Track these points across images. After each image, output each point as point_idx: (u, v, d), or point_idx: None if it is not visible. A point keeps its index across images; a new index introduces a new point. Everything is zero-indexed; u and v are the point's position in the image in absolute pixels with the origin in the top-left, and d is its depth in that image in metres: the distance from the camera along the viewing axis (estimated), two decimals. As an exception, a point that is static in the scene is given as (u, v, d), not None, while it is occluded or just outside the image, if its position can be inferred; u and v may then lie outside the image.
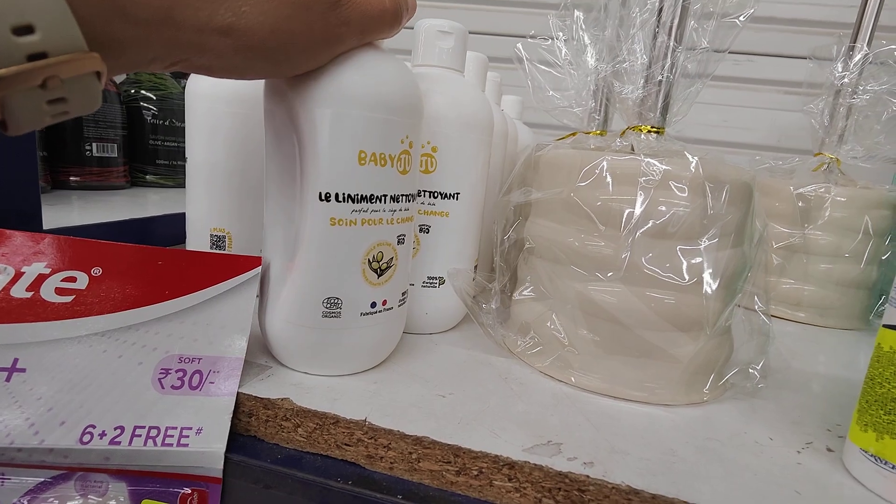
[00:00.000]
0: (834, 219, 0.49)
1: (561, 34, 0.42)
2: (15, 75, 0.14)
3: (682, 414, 0.28)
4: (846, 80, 0.50)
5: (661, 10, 0.31)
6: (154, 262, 0.28)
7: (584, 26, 0.40)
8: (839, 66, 0.51)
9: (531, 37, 0.43)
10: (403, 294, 0.30)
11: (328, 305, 0.26)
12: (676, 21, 0.31)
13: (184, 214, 0.39)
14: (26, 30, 0.14)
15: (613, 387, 0.29)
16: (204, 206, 0.37)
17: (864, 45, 0.50)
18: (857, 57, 0.50)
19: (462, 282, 0.35)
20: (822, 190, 0.49)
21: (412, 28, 0.35)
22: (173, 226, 0.46)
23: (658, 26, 0.31)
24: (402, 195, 0.27)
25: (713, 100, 1.20)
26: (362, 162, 0.25)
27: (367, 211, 0.26)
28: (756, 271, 0.32)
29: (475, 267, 0.38)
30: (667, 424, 0.27)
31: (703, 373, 0.29)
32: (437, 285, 0.35)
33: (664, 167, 0.27)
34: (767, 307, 0.33)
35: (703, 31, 0.32)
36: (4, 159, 0.31)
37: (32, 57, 0.15)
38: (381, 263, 0.27)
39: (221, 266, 0.28)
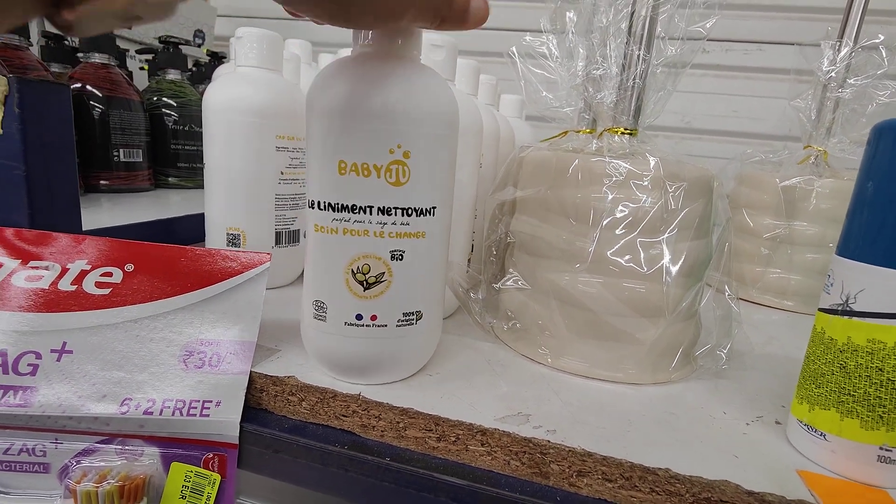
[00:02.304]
0: (819, 210, 0.50)
1: (552, 36, 0.44)
2: None
3: (646, 391, 0.31)
4: (832, 74, 0.52)
5: (631, 21, 0.34)
6: (178, 259, 0.32)
7: (574, 29, 0.43)
8: (825, 61, 0.52)
9: (525, 40, 0.46)
10: (408, 315, 0.28)
11: (317, 307, 0.28)
12: (646, 32, 0.33)
13: (203, 215, 0.43)
14: None
15: (585, 368, 0.32)
16: (220, 208, 0.41)
17: (851, 39, 0.51)
18: (844, 51, 0.51)
19: (455, 273, 0.38)
20: (807, 182, 0.50)
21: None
22: (194, 225, 0.51)
23: (629, 36, 0.34)
24: (396, 208, 0.26)
25: (722, 90, 1.20)
26: (342, 172, 0.25)
27: (348, 221, 0.26)
28: (725, 261, 0.34)
29: (469, 260, 0.42)
30: (630, 400, 0.30)
31: (668, 354, 0.32)
32: (430, 277, 0.38)
33: (627, 167, 0.30)
34: (736, 294, 0.35)
35: (670, 40, 0.34)
36: (50, 171, 0.35)
37: None
38: (367, 276, 0.27)
39: (235, 262, 0.32)
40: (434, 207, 0.28)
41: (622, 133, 0.35)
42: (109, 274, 0.31)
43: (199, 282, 0.32)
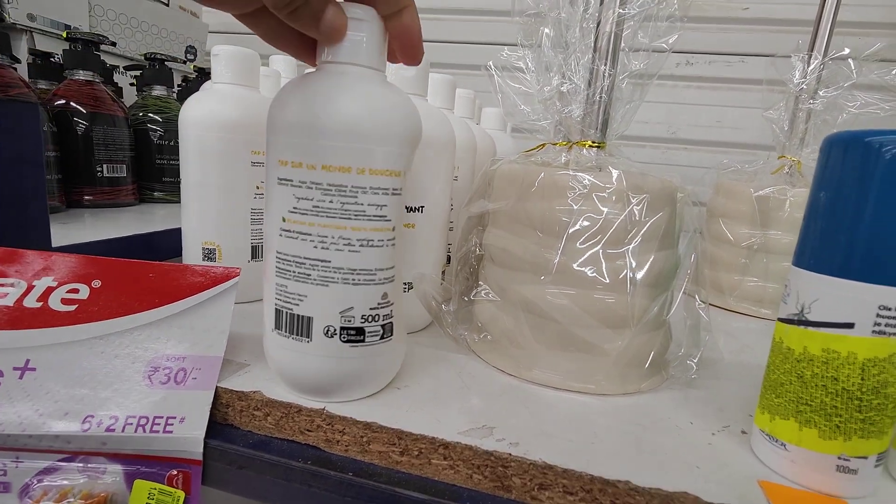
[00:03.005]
0: (793, 219, 0.51)
1: (528, 51, 0.45)
2: None
3: (614, 402, 0.31)
4: (804, 85, 0.52)
5: (596, 39, 0.34)
6: (146, 275, 0.32)
7: (549, 44, 0.44)
8: (797, 73, 0.53)
9: (503, 54, 0.46)
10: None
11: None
12: (611, 47, 0.34)
13: (179, 230, 0.43)
14: None
15: (554, 379, 0.32)
16: (196, 222, 0.41)
17: (820, 52, 0.52)
18: (814, 63, 0.52)
19: (427, 286, 0.38)
20: (780, 192, 0.51)
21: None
22: (172, 239, 0.51)
23: (594, 52, 0.34)
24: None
25: (706, 101, 1.22)
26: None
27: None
28: (694, 270, 0.35)
29: (443, 272, 0.42)
30: (597, 412, 0.30)
31: (637, 365, 0.32)
32: (406, 290, 0.38)
33: (591, 180, 0.30)
34: (706, 302, 0.35)
35: (634, 53, 0.35)
36: (20, 187, 0.35)
37: None
38: None
39: (204, 277, 0.32)
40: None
41: (590, 146, 0.35)
42: (76, 290, 0.31)
43: (166, 297, 0.32)
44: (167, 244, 0.51)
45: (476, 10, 1.14)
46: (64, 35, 0.66)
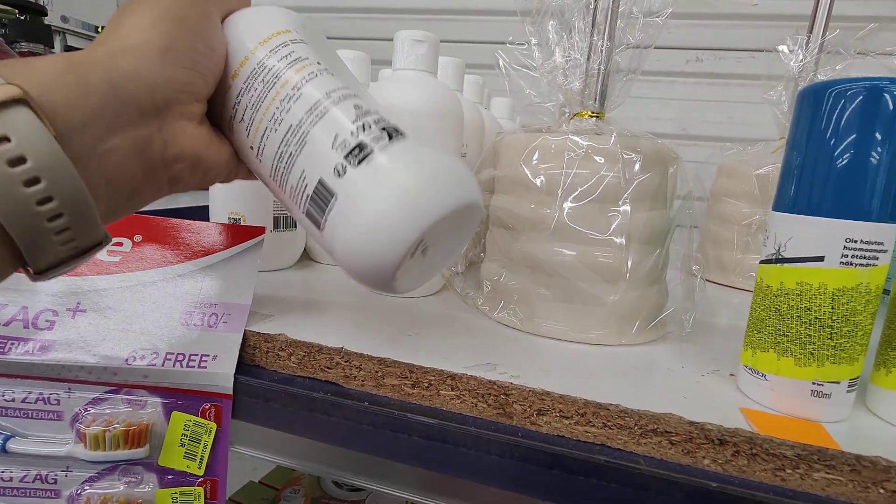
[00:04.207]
0: (793, 196, 0.52)
1: (533, 39, 0.48)
2: None
3: (611, 351, 0.33)
4: (802, 69, 0.54)
5: (595, 14, 0.37)
6: (182, 232, 0.35)
7: (552, 32, 0.46)
8: (797, 56, 0.55)
9: (510, 42, 0.49)
10: None
11: None
12: (608, 22, 0.37)
13: (207, 207, 0.47)
14: None
15: (554, 330, 0.34)
16: (223, 194, 0.45)
17: (819, 36, 0.54)
18: (812, 46, 0.54)
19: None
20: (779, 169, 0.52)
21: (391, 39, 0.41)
22: (200, 215, 0.54)
23: (593, 27, 0.37)
24: None
25: (717, 97, 1.23)
26: None
27: None
28: (689, 234, 0.37)
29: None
30: (595, 357, 0.32)
31: (632, 317, 0.34)
32: (416, 255, 0.41)
33: (587, 142, 0.32)
34: (701, 268, 0.37)
35: (630, 28, 0.37)
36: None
37: None
38: None
39: (233, 234, 0.35)
40: None
41: (589, 116, 0.38)
42: (120, 244, 0.34)
43: (200, 252, 0.35)
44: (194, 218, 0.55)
45: (484, 11, 1.18)
46: (99, 30, 0.70)
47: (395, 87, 0.40)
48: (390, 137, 0.25)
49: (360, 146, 0.25)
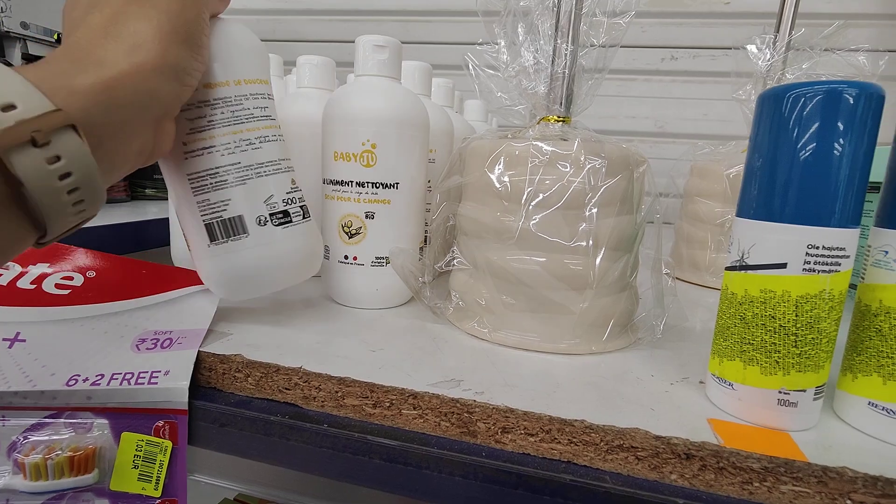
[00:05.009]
0: (764, 195, 0.52)
1: (502, 41, 0.47)
2: (9, 130, 0.19)
3: (580, 360, 0.33)
4: (771, 67, 0.54)
5: (558, 17, 0.36)
6: (139, 271, 0.34)
7: (521, 34, 0.45)
8: (765, 55, 0.55)
9: (479, 44, 0.48)
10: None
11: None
12: (571, 25, 0.36)
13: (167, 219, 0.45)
14: (10, 107, 0.19)
15: (522, 340, 0.33)
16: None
17: (786, 34, 0.54)
18: (780, 44, 0.54)
19: (405, 260, 0.40)
20: (750, 169, 0.52)
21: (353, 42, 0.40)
22: (161, 229, 0.52)
23: (556, 30, 0.36)
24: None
25: (691, 95, 1.24)
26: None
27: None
28: (658, 237, 0.36)
29: (421, 249, 0.43)
30: (563, 368, 0.31)
31: (601, 325, 0.34)
32: (384, 264, 0.40)
33: (551, 148, 0.32)
34: (672, 272, 0.37)
35: (595, 31, 0.36)
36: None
37: (19, 124, 0.19)
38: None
39: (193, 277, 0.34)
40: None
41: (555, 121, 0.37)
42: (70, 278, 0.33)
43: (157, 288, 0.33)
44: (157, 233, 0.53)
45: (458, 12, 1.18)
46: (55, 38, 0.67)
47: (357, 94, 0.38)
48: (303, 216, 0.35)
49: (285, 213, 0.33)
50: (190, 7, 0.27)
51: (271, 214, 0.32)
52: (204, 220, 0.31)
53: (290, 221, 0.33)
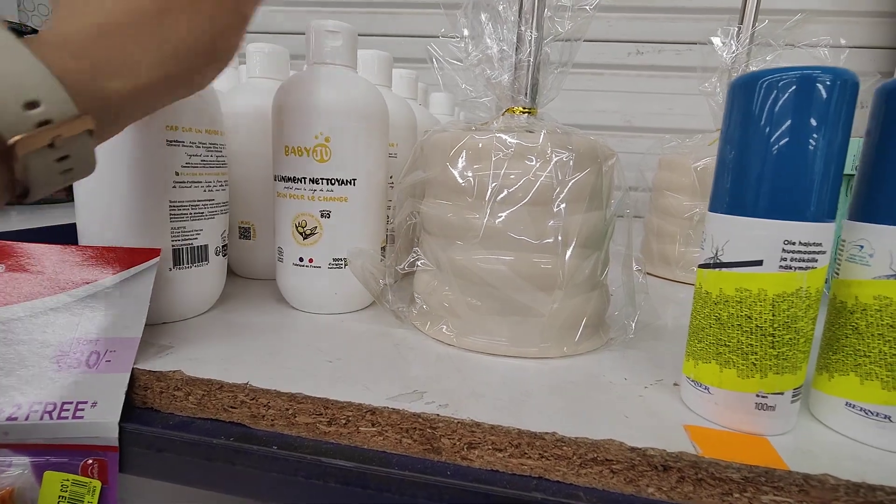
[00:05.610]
0: (731, 188, 0.52)
1: (466, 31, 0.45)
2: (31, 137, 0.19)
3: (550, 364, 0.31)
4: (735, 60, 0.54)
5: (521, 3, 0.34)
6: (55, 259, 0.30)
7: (485, 23, 0.43)
8: (730, 48, 0.55)
9: (442, 35, 0.46)
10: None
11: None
12: (535, 11, 0.34)
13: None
14: (34, 104, 0.19)
15: (489, 345, 0.31)
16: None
17: (749, 27, 0.54)
18: (743, 37, 0.54)
19: (365, 261, 0.37)
20: (717, 162, 0.52)
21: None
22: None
23: (520, 17, 0.34)
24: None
25: (657, 89, 1.25)
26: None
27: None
28: (629, 233, 0.35)
29: (383, 248, 0.41)
30: (533, 373, 0.30)
31: (572, 327, 0.32)
32: (342, 266, 0.37)
33: (515, 141, 0.30)
34: (643, 268, 0.36)
35: (560, 18, 0.35)
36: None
37: (40, 124, 0.19)
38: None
39: (119, 258, 0.31)
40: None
41: (521, 112, 0.35)
42: (-26, 275, 0.29)
43: (79, 279, 0.30)
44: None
45: (423, 4, 1.15)
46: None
47: (309, 83, 0.36)
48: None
49: (226, 247, 0.38)
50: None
51: (222, 247, 0.37)
52: (174, 245, 0.34)
53: (226, 254, 0.38)
